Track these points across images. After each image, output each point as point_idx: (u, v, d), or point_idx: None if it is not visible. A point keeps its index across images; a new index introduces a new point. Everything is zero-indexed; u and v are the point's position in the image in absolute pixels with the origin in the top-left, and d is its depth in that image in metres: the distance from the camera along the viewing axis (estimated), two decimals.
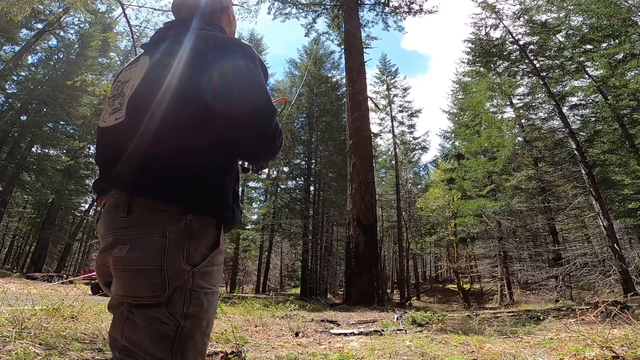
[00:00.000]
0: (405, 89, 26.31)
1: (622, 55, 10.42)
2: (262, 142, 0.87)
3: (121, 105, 0.92)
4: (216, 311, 0.94)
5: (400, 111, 26.15)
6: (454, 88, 24.88)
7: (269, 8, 16.97)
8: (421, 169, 33.41)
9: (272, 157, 0.94)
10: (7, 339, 1.97)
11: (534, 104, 14.14)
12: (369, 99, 14.76)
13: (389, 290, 25.63)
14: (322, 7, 16.61)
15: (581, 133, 12.30)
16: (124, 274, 0.80)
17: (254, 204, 27.16)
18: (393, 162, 24.96)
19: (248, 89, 0.86)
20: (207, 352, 2.53)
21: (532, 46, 13.26)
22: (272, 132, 0.87)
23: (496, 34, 14.55)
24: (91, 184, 0.99)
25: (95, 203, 21.13)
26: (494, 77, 14.50)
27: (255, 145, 0.88)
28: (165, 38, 1.01)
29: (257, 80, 0.88)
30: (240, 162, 1.30)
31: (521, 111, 14.88)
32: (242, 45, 0.93)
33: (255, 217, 27.54)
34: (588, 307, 5.69)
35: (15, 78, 17.42)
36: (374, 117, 24.78)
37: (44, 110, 17.30)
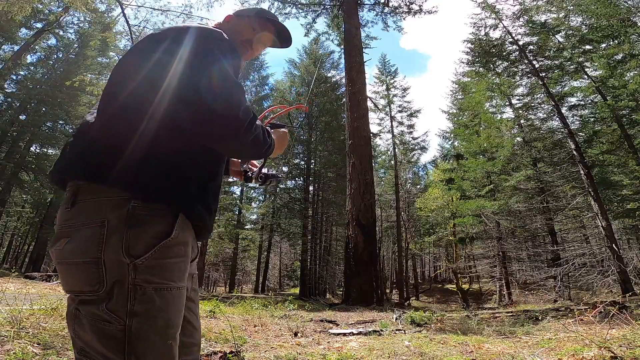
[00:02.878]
0: (404, 89, 26.26)
1: (621, 55, 10.45)
2: (227, 132, 0.80)
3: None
4: (188, 310, 0.84)
5: (400, 111, 26.11)
6: (454, 88, 24.88)
7: (269, 8, 16.95)
8: (420, 169, 33.38)
9: (249, 149, 0.88)
10: (6, 339, 1.97)
11: (533, 105, 14.15)
12: (368, 99, 14.75)
13: (388, 290, 25.65)
14: (322, 7, 16.60)
15: (580, 133, 12.31)
16: (63, 268, 0.77)
17: (253, 203, 27.10)
18: (392, 162, 24.94)
19: (204, 79, 0.79)
20: (205, 353, 2.53)
21: (531, 46, 13.26)
22: (237, 121, 0.80)
23: (496, 34, 14.57)
24: None
25: None
26: (493, 77, 14.50)
27: (220, 136, 0.81)
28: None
29: (214, 68, 0.82)
30: (242, 170, 1.25)
31: (520, 111, 14.89)
32: (195, 29, 0.88)
33: (254, 216, 27.52)
34: (586, 307, 5.70)
35: (14, 77, 17.37)
36: (373, 117, 24.80)
37: (43, 109, 17.27)
